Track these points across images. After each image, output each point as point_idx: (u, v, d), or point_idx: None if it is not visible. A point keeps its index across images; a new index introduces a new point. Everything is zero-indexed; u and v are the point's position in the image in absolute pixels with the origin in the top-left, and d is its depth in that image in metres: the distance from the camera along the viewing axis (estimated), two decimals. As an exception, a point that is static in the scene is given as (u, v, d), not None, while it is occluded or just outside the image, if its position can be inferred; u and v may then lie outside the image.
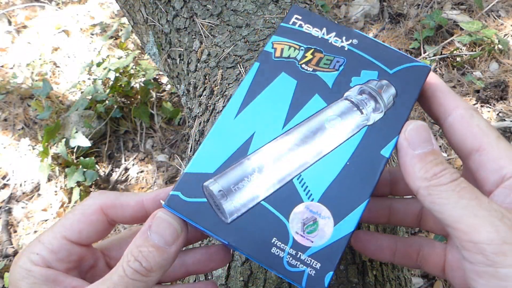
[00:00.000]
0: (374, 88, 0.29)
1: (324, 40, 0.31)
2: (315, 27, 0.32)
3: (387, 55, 0.30)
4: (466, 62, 1.34)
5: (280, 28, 0.32)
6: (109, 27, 1.78)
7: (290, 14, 0.32)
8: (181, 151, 1.40)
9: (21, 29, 1.86)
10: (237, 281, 0.43)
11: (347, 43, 0.31)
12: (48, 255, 0.27)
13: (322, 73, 0.30)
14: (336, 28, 0.32)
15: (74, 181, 1.28)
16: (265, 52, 0.31)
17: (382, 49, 0.31)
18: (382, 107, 0.29)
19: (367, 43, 0.31)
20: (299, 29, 0.32)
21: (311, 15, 0.32)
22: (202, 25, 0.62)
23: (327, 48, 0.31)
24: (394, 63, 0.30)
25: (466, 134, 0.27)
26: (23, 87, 1.62)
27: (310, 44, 0.31)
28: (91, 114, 1.44)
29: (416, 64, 0.30)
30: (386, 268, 0.45)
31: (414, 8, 1.54)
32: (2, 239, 1.29)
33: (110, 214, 0.29)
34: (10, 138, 1.50)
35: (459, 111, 0.28)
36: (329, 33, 0.31)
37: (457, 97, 0.29)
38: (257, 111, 0.29)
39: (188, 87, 0.65)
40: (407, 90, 0.29)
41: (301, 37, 0.31)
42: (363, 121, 0.29)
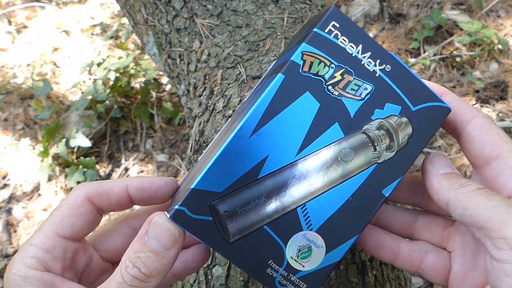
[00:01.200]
0: (393, 125, 0.29)
1: (357, 60, 0.29)
2: (352, 41, 0.28)
3: (414, 89, 0.29)
4: (466, 62, 1.35)
5: (313, 35, 0.28)
6: (109, 27, 1.78)
7: (327, 20, 0.28)
8: (181, 151, 1.41)
9: (22, 29, 1.86)
10: (237, 281, 0.43)
11: (379, 68, 0.29)
12: (43, 255, 0.26)
13: (347, 99, 0.28)
14: (373, 48, 0.29)
15: (75, 181, 1.28)
16: (292, 63, 0.28)
17: (412, 81, 0.29)
18: (395, 147, 0.29)
19: (399, 72, 0.29)
20: (334, 41, 0.28)
21: (350, 25, 0.29)
22: (202, 25, 0.62)
23: (358, 71, 0.28)
24: (419, 100, 0.29)
25: (485, 142, 0.28)
26: (24, 87, 1.62)
27: (343, 63, 0.28)
28: (91, 114, 1.44)
29: (438, 105, 0.29)
30: (386, 268, 0.45)
31: (414, 8, 1.54)
32: (2, 239, 1.29)
33: (97, 202, 0.29)
34: (11, 138, 1.50)
35: (478, 120, 0.29)
36: (364, 52, 0.29)
37: (473, 107, 0.29)
38: (274, 133, 0.27)
39: (188, 87, 0.65)
40: (422, 130, 0.29)
41: (335, 51, 0.28)
42: (374, 158, 0.29)
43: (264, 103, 0.27)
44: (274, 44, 0.57)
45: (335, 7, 0.29)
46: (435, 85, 0.31)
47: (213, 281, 0.44)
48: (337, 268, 0.42)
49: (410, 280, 0.51)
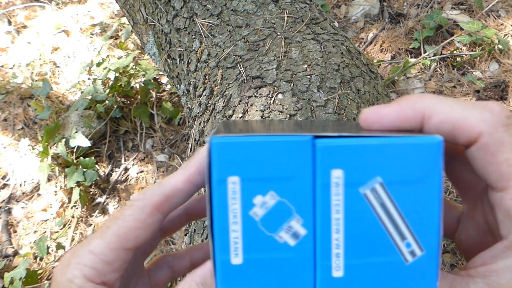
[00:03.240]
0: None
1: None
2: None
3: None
4: (466, 62, 1.34)
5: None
6: (109, 27, 1.78)
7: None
8: (181, 151, 1.40)
9: (21, 29, 1.86)
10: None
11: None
12: (104, 267, 0.25)
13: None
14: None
15: (74, 181, 1.28)
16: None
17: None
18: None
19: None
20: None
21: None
22: (202, 25, 0.62)
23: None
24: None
25: (490, 171, 0.23)
26: (23, 87, 1.62)
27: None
28: (91, 114, 1.44)
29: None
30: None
31: (414, 8, 1.54)
32: (2, 239, 1.29)
33: (165, 209, 0.25)
34: (10, 138, 1.50)
35: (484, 139, 0.22)
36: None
37: (480, 115, 0.23)
38: None
39: (188, 87, 0.65)
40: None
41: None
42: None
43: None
44: (274, 44, 0.57)
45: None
46: (414, 97, 0.25)
47: (213, 281, 0.44)
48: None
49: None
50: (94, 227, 1.30)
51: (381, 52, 1.46)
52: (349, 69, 0.56)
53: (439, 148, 0.21)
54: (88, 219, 1.32)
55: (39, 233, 1.31)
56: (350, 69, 0.56)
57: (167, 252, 0.24)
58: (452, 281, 0.23)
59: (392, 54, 1.45)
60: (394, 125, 0.23)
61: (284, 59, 0.55)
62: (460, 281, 0.23)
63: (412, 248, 0.21)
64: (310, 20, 0.61)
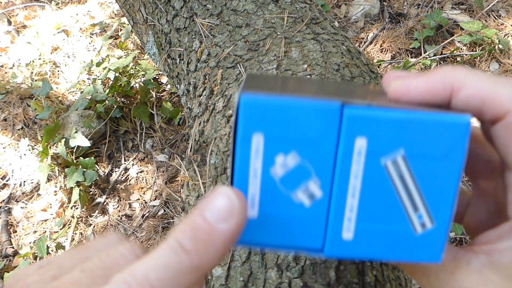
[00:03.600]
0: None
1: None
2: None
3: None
4: (467, 62, 1.34)
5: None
6: (109, 27, 1.78)
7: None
8: (181, 151, 1.40)
9: (21, 29, 1.86)
10: (237, 281, 0.43)
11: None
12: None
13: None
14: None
15: (74, 181, 1.28)
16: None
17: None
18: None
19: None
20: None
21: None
22: (202, 25, 0.62)
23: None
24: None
25: (509, 150, 0.22)
26: (23, 87, 1.62)
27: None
28: (90, 114, 1.44)
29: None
30: (386, 268, 0.45)
31: (414, 8, 1.54)
32: (2, 239, 1.29)
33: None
34: (10, 138, 1.49)
35: (510, 118, 0.22)
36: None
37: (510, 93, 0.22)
38: None
39: (188, 87, 0.65)
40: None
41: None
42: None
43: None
44: (274, 44, 0.57)
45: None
46: (443, 72, 0.24)
47: (213, 281, 0.44)
48: (337, 268, 0.41)
49: (411, 281, 0.51)
50: (93, 227, 1.30)
51: (381, 52, 1.46)
52: (349, 69, 0.56)
53: (466, 128, 0.21)
54: (88, 219, 1.32)
55: (39, 233, 1.31)
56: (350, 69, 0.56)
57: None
58: (456, 254, 0.23)
59: (392, 54, 1.45)
60: (423, 97, 0.23)
61: (284, 59, 0.55)
62: (463, 254, 0.23)
63: (423, 220, 0.22)
64: (310, 20, 0.61)
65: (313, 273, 0.41)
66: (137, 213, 1.32)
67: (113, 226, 1.29)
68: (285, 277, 0.41)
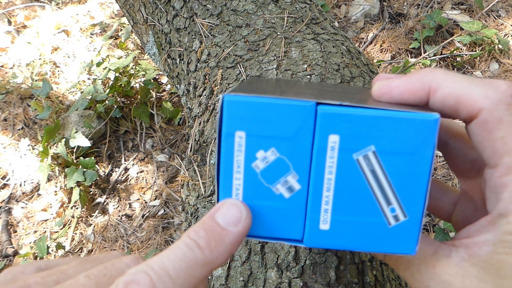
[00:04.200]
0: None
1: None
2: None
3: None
4: (466, 62, 1.34)
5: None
6: (109, 27, 1.78)
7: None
8: (181, 151, 1.40)
9: (21, 29, 1.86)
10: (237, 281, 0.43)
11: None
12: None
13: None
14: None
15: (74, 181, 1.28)
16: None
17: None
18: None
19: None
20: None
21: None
22: (202, 25, 0.62)
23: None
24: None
25: (485, 146, 0.23)
26: (23, 87, 1.62)
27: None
28: (91, 114, 1.44)
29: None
30: (386, 268, 0.45)
31: (414, 8, 1.54)
32: (2, 239, 1.29)
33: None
34: (10, 138, 1.50)
35: (483, 115, 0.22)
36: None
37: (483, 90, 0.22)
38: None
39: (188, 87, 0.65)
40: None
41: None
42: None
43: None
44: (274, 44, 0.57)
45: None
46: (419, 73, 0.24)
47: (213, 281, 0.44)
48: (337, 268, 0.41)
49: (411, 281, 0.51)
50: (94, 227, 1.30)
51: (381, 52, 1.46)
52: (349, 69, 0.56)
53: (434, 125, 0.22)
54: (88, 219, 1.32)
55: (39, 233, 1.31)
56: (350, 69, 0.56)
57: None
58: (437, 248, 0.24)
59: (392, 54, 1.45)
60: (403, 97, 0.24)
61: (284, 59, 0.55)
62: (444, 248, 0.24)
63: (396, 213, 0.23)
64: (310, 20, 0.61)
65: (313, 273, 0.41)
66: (137, 213, 1.32)
67: (113, 226, 1.30)
68: (285, 277, 0.41)
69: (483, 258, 0.22)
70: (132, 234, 1.27)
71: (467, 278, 0.23)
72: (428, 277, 0.24)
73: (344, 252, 0.42)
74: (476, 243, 0.23)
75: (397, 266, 0.26)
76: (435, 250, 0.24)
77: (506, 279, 0.22)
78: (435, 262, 0.24)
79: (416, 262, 0.24)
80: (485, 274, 0.22)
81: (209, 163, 0.52)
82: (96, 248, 1.25)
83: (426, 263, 0.24)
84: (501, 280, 0.22)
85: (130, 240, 1.26)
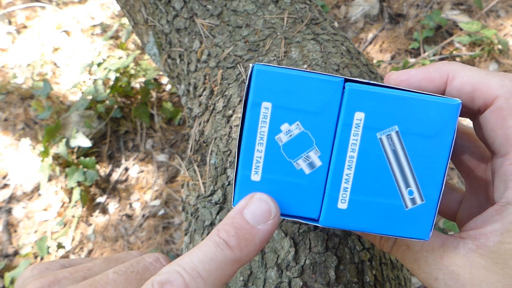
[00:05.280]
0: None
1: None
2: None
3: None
4: (466, 62, 1.35)
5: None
6: (109, 27, 1.79)
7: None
8: (181, 151, 1.41)
9: (22, 30, 1.86)
10: (237, 280, 0.43)
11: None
12: None
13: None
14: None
15: (75, 181, 1.28)
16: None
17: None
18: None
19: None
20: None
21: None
22: (202, 25, 0.62)
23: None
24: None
25: (497, 134, 0.23)
26: (24, 87, 1.63)
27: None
28: (91, 114, 1.44)
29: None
30: (386, 267, 0.45)
31: (414, 8, 1.54)
32: (3, 239, 1.29)
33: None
34: (11, 138, 1.50)
35: (499, 103, 0.23)
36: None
37: (501, 80, 0.23)
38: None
39: (188, 87, 0.65)
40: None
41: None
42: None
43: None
44: (274, 44, 0.58)
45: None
46: (438, 65, 0.25)
47: (213, 280, 0.44)
48: (337, 268, 0.42)
49: (410, 280, 0.51)
50: (94, 226, 1.30)
51: (381, 52, 1.47)
52: (349, 69, 0.56)
53: (456, 109, 0.22)
54: (89, 219, 1.32)
55: (39, 232, 1.31)
56: (350, 69, 0.56)
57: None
58: (445, 240, 0.24)
59: (391, 54, 1.45)
60: (421, 84, 0.25)
61: (284, 59, 0.55)
62: (452, 240, 0.24)
63: (414, 196, 0.23)
64: (310, 21, 0.62)
65: (313, 273, 0.41)
66: (137, 213, 1.32)
67: (114, 225, 1.30)
68: (285, 277, 0.42)
69: (490, 248, 0.23)
70: (132, 234, 1.27)
71: (475, 268, 0.23)
72: (436, 268, 0.24)
73: (344, 252, 0.42)
74: (484, 234, 0.23)
75: (404, 257, 0.26)
76: (443, 242, 0.24)
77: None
78: (442, 253, 0.24)
79: (424, 254, 0.25)
80: (493, 264, 0.22)
81: (209, 163, 0.52)
82: (97, 248, 1.26)
83: (434, 255, 0.24)
84: (510, 270, 0.22)
85: (130, 240, 1.26)
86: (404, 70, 0.26)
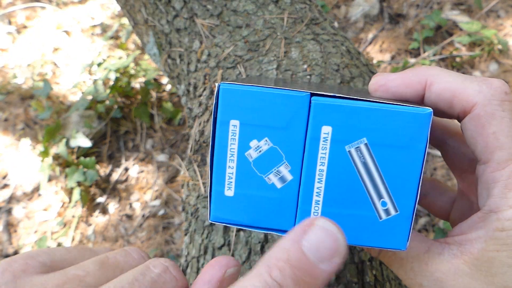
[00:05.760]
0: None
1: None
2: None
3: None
4: (466, 62, 1.35)
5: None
6: (109, 27, 1.79)
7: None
8: (181, 151, 1.41)
9: (22, 30, 1.86)
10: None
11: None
12: None
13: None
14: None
15: (75, 181, 1.28)
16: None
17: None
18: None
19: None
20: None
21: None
22: (202, 25, 0.62)
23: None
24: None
25: (477, 141, 0.23)
26: (24, 87, 1.63)
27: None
28: (91, 114, 1.44)
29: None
30: (386, 267, 0.46)
31: (414, 8, 1.54)
32: (3, 239, 1.29)
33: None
34: (11, 138, 1.50)
35: (477, 110, 0.22)
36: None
37: (479, 85, 0.23)
38: None
39: (188, 87, 0.65)
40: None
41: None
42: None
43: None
44: (274, 44, 0.58)
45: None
46: (412, 71, 0.25)
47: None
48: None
49: (410, 280, 0.51)
50: (94, 226, 1.30)
51: (381, 53, 1.47)
52: (349, 69, 0.56)
53: (427, 119, 0.22)
54: (89, 219, 1.32)
55: (39, 233, 1.31)
56: (349, 69, 0.56)
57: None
58: (430, 246, 0.24)
59: (391, 54, 1.45)
60: (398, 89, 0.25)
61: (284, 59, 0.55)
62: (437, 246, 0.24)
63: (387, 207, 0.23)
64: (310, 21, 0.62)
65: (312, 272, 0.41)
66: (137, 213, 1.32)
67: (114, 225, 1.30)
68: (285, 276, 0.41)
69: (474, 255, 0.23)
70: (132, 234, 1.27)
71: (459, 275, 0.23)
72: (421, 274, 0.24)
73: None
74: (469, 240, 0.23)
75: (391, 263, 0.26)
76: (428, 248, 0.24)
77: (496, 276, 0.22)
78: (427, 259, 0.24)
79: (409, 260, 0.24)
80: (476, 271, 0.22)
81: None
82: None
83: (419, 261, 0.24)
84: (492, 277, 0.22)
85: (130, 240, 1.26)
86: (384, 75, 0.25)
